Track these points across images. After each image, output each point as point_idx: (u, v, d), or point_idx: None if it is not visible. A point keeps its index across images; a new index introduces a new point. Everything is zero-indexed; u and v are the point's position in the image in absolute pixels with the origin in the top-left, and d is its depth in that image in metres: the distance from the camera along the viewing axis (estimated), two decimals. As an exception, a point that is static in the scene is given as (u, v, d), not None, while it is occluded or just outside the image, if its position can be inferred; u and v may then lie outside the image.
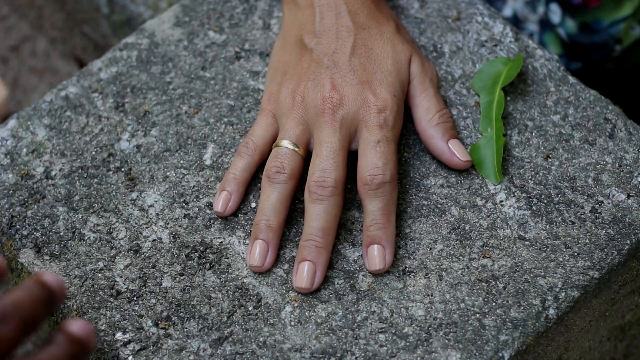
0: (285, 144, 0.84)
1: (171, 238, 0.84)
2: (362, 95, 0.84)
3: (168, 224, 0.85)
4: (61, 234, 0.84)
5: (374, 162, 0.82)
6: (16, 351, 0.68)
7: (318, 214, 0.81)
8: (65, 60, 1.63)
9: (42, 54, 1.65)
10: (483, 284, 0.81)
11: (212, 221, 0.85)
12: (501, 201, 0.85)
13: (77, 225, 0.85)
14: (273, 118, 0.87)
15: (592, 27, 1.11)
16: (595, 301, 0.84)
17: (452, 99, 0.90)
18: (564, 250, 0.83)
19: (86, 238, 0.84)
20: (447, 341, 0.79)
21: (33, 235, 0.84)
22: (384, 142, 0.82)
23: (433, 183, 0.86)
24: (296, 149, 0.84)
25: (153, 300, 0.81)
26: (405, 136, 0.88)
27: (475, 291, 0.81)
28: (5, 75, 1.65)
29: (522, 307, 0.80)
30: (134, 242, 0.84)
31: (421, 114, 0.87)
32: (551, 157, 0.87)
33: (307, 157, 0.85)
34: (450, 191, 0.86)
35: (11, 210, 0.85)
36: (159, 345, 0.79)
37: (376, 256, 0.82)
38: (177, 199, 0.86)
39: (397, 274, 0.82)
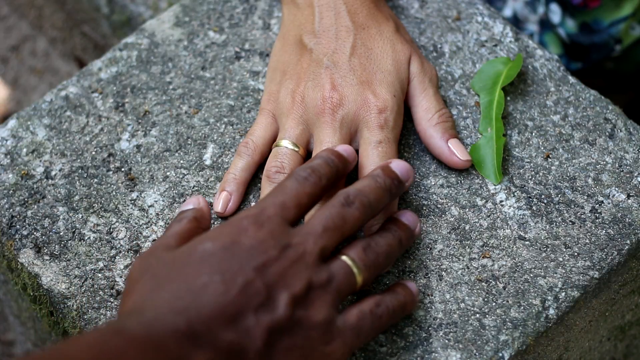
0: (285, 143, 0.84)
1: (171, 238, 0.84)
2: (362, 95, 0.84)
3: (168, 224, 0.84)
4: (61, 234, 0.84)
5: (376, 162, 0.82)
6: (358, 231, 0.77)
7: (318, 214, 0.81)
8: (65, 60, 1.63)
9: (42, 54, 1.65)
10: (483, 284, 0.81)
11: (212, 221, 0.85)
12: (501, 201, 0.85)
13: (77, 225, 0.85)
14: (273, 118, 0.87)
15: (592, 27, 1.11)
16: (595, 301, 0.84)
17: (452, 99, 0.90)
18: (564, 250, 0.83)
19: (86, 238, 0.84)
20: (447, 341, 0.79)
21: (33, 235, 0.84)
22: (386, 142, 0.82)
23: (433, 183, 0.86)
24: (296, 149, 0.84)
25: (153, 300, 0.81)
26: (405, 136, 0.88)
27: (475, 291, 0.81)
28: (5, 75, 1.65)
29: (522, 307, 0.80)
30: (134, 242, 0.84)
31: (421, 114, 0.87)
32: (551, 157, 0.87)
33: (307, 157, 0.85)
34: (450, 191, 0.86)
35: (11, 210, 0.85)
36: (159, 345, 0.79)
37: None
38: (177, 199, 0.86)
39: (397, 274, 0.82)
